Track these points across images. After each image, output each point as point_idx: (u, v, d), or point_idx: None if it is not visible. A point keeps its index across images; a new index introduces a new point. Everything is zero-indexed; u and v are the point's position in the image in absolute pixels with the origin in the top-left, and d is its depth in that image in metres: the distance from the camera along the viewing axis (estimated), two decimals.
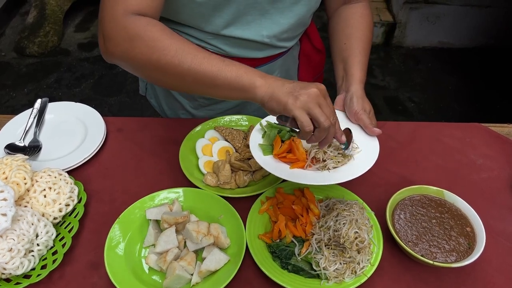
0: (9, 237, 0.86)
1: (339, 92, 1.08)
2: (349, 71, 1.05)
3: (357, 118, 0.98)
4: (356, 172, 0.88)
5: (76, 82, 3.31)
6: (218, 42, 1.09)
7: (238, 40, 1.08)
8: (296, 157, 0.93)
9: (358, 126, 1.00)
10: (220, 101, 1.27)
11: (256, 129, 0.99)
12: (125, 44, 0.85)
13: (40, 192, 0.96)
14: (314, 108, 0.78)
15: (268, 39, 1.09)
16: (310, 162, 0.93)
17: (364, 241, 0.89)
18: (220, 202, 1.00)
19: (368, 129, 0.97)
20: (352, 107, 0.99)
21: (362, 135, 0.98)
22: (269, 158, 0.93)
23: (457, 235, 0.93)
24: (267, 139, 0.95)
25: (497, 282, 0.92)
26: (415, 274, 0.92)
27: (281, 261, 0.90)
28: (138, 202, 1.00)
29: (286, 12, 1.06)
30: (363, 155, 0.94)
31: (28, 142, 1.18)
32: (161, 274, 0.91)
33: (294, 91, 0.79)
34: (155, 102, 1.40)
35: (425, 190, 1.02)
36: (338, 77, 1.10)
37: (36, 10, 3.61)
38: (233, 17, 1.03)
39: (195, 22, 1.06)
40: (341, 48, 1.11)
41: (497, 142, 1.24)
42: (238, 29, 1.05)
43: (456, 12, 3.52)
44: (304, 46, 1.30)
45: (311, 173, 0.91)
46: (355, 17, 1.14)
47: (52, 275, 0.91)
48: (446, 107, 3.18)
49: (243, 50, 1.12)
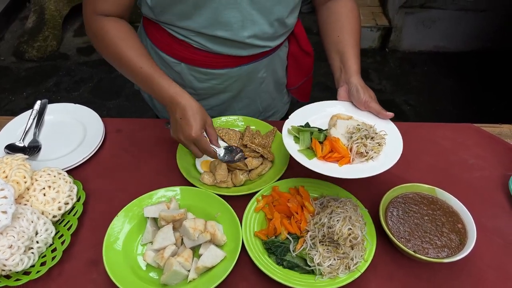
0: (9, 234, 0.88)
1: (338, 84, 1.13)
2: (346, 64, 1.12)
3: (367, 106, 1.07)
4: (397, 155, 0.97)
5: (75, 86, 3.33)
6: (201, 39, 1.12)
7: (220, 39, 1.12)
8: (341, 155, 0.97)
9: (368, 113, 1.08)
10: (207, 97, 1.31)
11: (285, 135, 1.01)
12: (93, 40, 1.09)
13: (39, 191, 0.98)
14: (188, 146, 1.02)
15: (248, 39, 1.12)
16: (354, 156, 0.98)
17: (358, 238, 0.91)
18: (216, 200, 1.02)
19: (381, 114, 1.06)
20: (360, 97, 1.06)
21: (376, 120, 1.06)
22: (316, 161, 0.96)
23: (449, 232, 0.95)
24: (303, 143, 0.99)
25: (489, 277, 0.94)
26: (408, 269, 0.94)
27: (276, 257, 0.92)
28: (136, 200, 1.02)
29: (266, 13, 1.09)
30: (391, 139, 1.01)
31: (28, 143, 1.20)
32: (159, 270, 0.92)
33: (176, 125, 1.01)
34: (147, 97, 1.43)
35: (418, 188, 1.04)
36: (335, 68, 1.15)
37: (35, 14, 3.63)
38: (213, 16, 1.06)
39: (178, 21, 1.10)
40: (335, 40, 1.17)
41: (489, 142, 1.26)
42: (218, 29, 1.09)
43: (451, 16, 3.55)
44: (292, 48, 1.32)
45: (362, 166, 0.96)
46: (344, 11, 1.19)
47: (51, 272, 0.92)
48: (442, 110, 3.21)
49: (226, 48, 1.14)
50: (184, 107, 0.98)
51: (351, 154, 0.97)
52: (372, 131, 1.01)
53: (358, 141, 0.98)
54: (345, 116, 1.07)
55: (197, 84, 1.25)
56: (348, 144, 0.99)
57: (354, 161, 0.97)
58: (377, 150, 0.98)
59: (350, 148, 0.98)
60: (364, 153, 0.97)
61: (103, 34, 1.04)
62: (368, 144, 0.98)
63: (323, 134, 1.01)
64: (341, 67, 1.13)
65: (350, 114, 1.08)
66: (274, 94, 1.40)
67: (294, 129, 1.01)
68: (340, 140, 0.99)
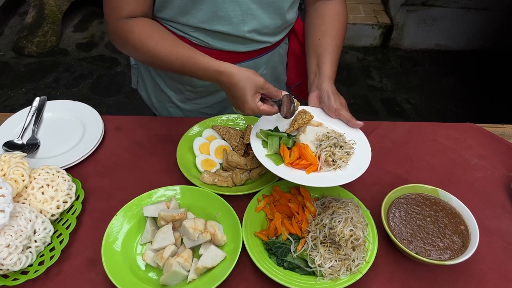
0: (7, 233, 0.87)
1: (310, 88, 1.13)
2: (321, 69, 1.12)
3: (337, 113, 1.06)
4: (364, 165, 0.96)
5: (75, 82, 3.31)
6: (200, 35, 1.12)
7: (220, 34, 1.11)
8: (309, 162, 0.96)
9: (338, 121, 1.07)
10: (206, 95, 1.30)
11: (253, 139, 1.00)
12: (121, 45, 1.08)
13: (38, 189, 0.97)
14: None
15: (249, 34, 1.11)
16: (322, 164, 0.96)
17: (359, 239, 0.90)
18: (217, 200, 1.01)
19: (351, 123, 1.05)
20: (331, 104, 1.06)
21: (346, 128, 1.06)
22: (283, 167, 0.95)
23: (451, 233, 0.94)
24: (271, 148, 0.98)
25: (491, 279, 0.93)
26: (410, 271, 0.94)
27: (277, 258, 0.91)
28: (135, 199, 1.01)
29: (266, 7, 1.09)
30: (359, 149, 1.00)
31: (26, 140, 1.18)
32: (158, 270, 0.91)
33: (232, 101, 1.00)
34: (145, 95, 1.42)
35: (420, 189, 1.03)
36: (310, 71, 1.16)
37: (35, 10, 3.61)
38: (213, 10, 1.05)
39: (177, 16, 1.09)
40: (315, 44, 1.17)
41: (491, 142, 1.25)
42: (218, 24, 1.08)
43: (453, 15, 3.54)
44: (293, 45, 1.32)
45: (329, 174, 0.95)
46: (331, 14, 1.19)
47: (49, 271, 0.91)
48: (443, 108, 3.20)
49: (225, 44, 1.13)
50: (229, 83, 0.96)
51: (319, 162, 0.96)
52: (341, 140, 1.00)
53: (327, 149, 0.97)
54: (315, 123, 1.06)
55: (196, 82, 1.24)
56: (316, 151, 0.98)
57: (321, 169, 0.96)
58: (345, 159, 0.97)
59: (319, 156, 0.97)
60: (331, 162, 0.96)
61: (129, 36, 1.03)
62: (336, 153, 0.97)
63: (292, 140, 1.00)
64: (316, 71, 1.13)
65: (320, 120, 1.07)
66: None
67: (263, 133, 1.00)
68: (309, 147, 0.98)
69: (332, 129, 1.04)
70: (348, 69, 3.44)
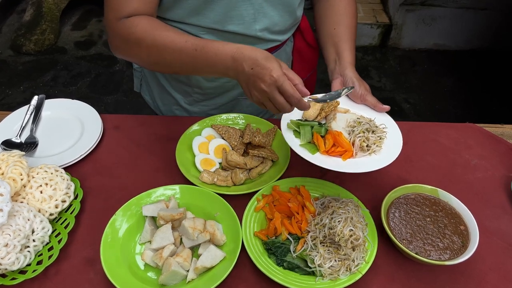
0: (5, 232, 0.86)
1: (332, 75, 1.13)
2: (341, 55, 1.12)
3: (363, 99, 1.08)
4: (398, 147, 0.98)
5: (73, 80, 3.30)
6: (212, 36, 1.10)
7: (231, 35, 1.10)
8: (344, 149, 0.96)
9: (363, 106, 1.09)
10: (214, 96, 1.28)
11: (284, 130, 0.99)
12: (121, 47, 1.01)
13: (36, 188, 0.97)
14: (265, 102, 0.90)
15: (260, 32, 1.11)
16: (357, 149, 0.98)
17: (359, 239, 0.90)
18: (216, 199, 1.00)
19: (378, 107, 1.07)
20: (356, 90, 1.07)
21: (372, 112, 1.07)
22: (319, 156, 0.95)
23: (451, 233, 0.94)
24: (304, 138, 0.98)
25: (491, 280, 0.93)
26: (409, 271, 0.93)
27: (276, 258, 0.91)
28: (134, 198, 1.00)
29: (277, 4, 1.09)
30: (390, 132, 1.02)
31: (25, 139, 1.18)
32: (157, 270, 0.91)
33: (249, 82, 0.88)
34: (149, 98, 1.41)
35: (420, 189, 1.03)
36: (329, 60, 1.16)
37: (33, 8, 3.59)
38: (225, 11, 1.04)
39: (187, 17, 1.07)
40: (331, 33, 1.17)
41: (491, 142, 1.25)
42: (230, 23, 1.07)
43: (452, 15, 3.54)
44: (298, 42, 1.32)
45: (365, 160, 0.96)
46: (343, 4, 1.20)
47: (47, 271, 0.91)
48: (441, 108, 3.20)
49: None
50: (252, 56, 0.87)
51: (354, 148, 0.97)
52: (373, 125, 1.01)
53: (360, 134, 0.98)
54: (342, 109, 1.06)
55: (205, 84, 1.23)
56: (350, 138, 0.98)
57: (357, 155, 0.97)
58: (379, 144, 0.98)
59: (353, 142, 0.98)
60: (366, 148, 0.97)
61: (132, 31, 0.95)
62: (370, 138, 0.98)
63: (324, 128, 1.00)
64: (336, 59, 1.14)
65: (346, 107, 1.08)
66: None
67: (294, 123, 1.00)
68: (343, 134, 0.98)
69: (360, 115, 1.05)
70: None
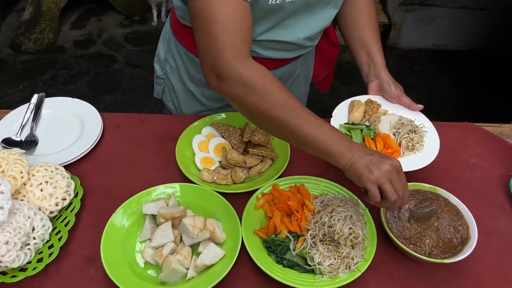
0: (6, 230, 0.86)
1: (368, 78, 1.21)
2: (374, 59, 1.19)
3: (398, 99, 1.17)
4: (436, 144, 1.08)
5: (72, 79, 3.30)
6: (255, 47, 1.09)
7: (273, 43, 1.09)
8: (393, 150, 1.06)
9: (398, 106, 1.18)
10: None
11: None
12: (240, 90, 0.87)
13: (36, 186, 0.97)
14: (385, 183, 0.83)
15: (303, 41, 1.12)
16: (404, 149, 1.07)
17: (358, 237, 0.90)
18: (216, 197, 1.01)
19: (412, 107, 1.16)
20: (392, 91, 1.17)
21: (406, 112, 1.17)
22: None
23: (450, 232, 0.94)
24: (356, 140, 1.03)
25: (489, 279, 0.94)
26: (408, 269, 0.94)
27: (276, 256, 0.91)
28: (134, 196, 1.00)
29: (316, 16, 1.08)
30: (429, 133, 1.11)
31: (25, 137, 1.18)
32: (157, 268, 0.91)
33: (370, 164, 0.84)
34: (172, 105, 1.39)
35: (419, 188, 1.03)
36: (362, 63, 1.22)
37: (32, 6, 3.59)
38: (279, 21, 1.03)
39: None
40: (359, 36, 1.21)
41: (490, 141, 1.26)
42: (277, 33, 1.06)
43: (451, 15, 3.54)
44: (321, 41, 1.31)
45: (412, 158, 1.05)
46: (365, 5, 1.23)
47: (48, 269, 0.91)
48: (440, 108, 3.20)
49: (276, 52, 1.12)
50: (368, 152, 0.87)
51: (401, 148, 1.06)
52: (414, 125, 1.10)
53: (405, 136, 1.07)
54: (382, 111, 1.14)
55: None
56: (395, 138, 1.08)
57: (404, 154, 1.04)
58: (421, 143, 1.07)
59: (399, 142, 1.07)
60: (410, 147, 1.06)
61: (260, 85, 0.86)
62: (414, 138, 1.07)
63: (373, 131, 1.09)
64: (369, 62, 1.20)
65: (384, 107, 1.15)
66: (303, 88, 1.42)
67: (343, 127, 1.08)
68: (390, 134, 1.07)
69: (400, 116, 1.13)
70: (346, 68, 3.43)
